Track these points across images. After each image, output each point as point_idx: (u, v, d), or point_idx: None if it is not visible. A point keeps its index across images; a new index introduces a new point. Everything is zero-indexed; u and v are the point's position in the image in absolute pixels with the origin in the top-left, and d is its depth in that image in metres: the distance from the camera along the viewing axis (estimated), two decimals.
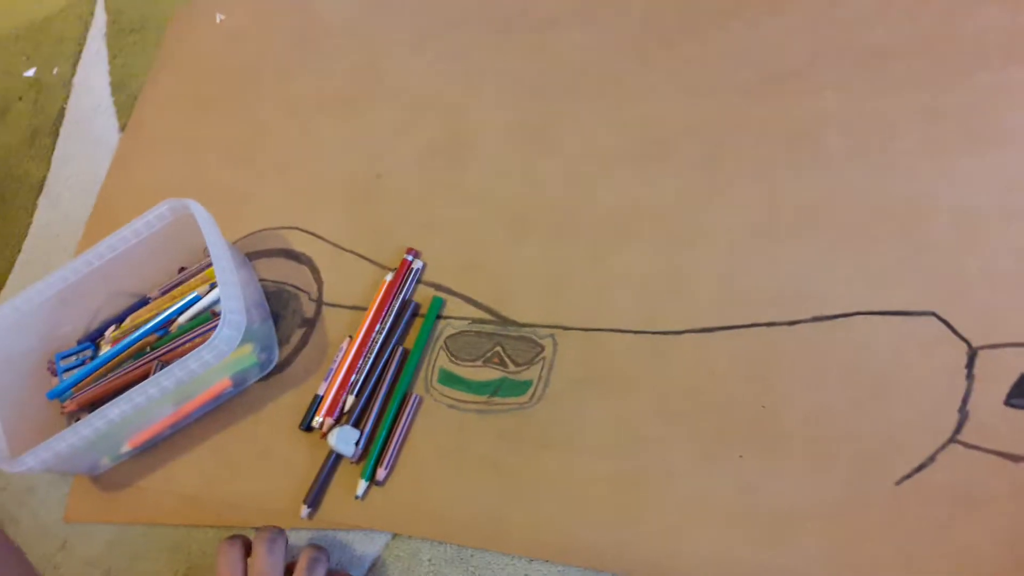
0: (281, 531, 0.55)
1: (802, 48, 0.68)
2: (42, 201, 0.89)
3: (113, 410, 0.58)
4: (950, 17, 0.65)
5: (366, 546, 0.60)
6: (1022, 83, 0.61)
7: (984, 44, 0.63)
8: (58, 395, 0.67)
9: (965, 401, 0.52)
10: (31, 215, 0.88)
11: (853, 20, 0.68)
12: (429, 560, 0.58)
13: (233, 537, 0.55)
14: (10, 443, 0.61)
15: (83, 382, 0.67)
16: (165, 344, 0.66)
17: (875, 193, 0.60)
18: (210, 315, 0.67)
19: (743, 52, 0.70)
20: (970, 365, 0.52)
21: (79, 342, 0.72)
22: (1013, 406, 0.51)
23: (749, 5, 0.72)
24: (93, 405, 0.64)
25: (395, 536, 0.60)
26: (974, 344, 0.53)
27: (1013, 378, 0.51)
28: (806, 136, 0.64)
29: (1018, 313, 0.53)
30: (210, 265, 0.70)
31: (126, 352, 0.67)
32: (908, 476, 0.51)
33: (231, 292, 0.60)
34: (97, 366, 0.67)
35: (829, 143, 0.63)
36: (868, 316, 0.56)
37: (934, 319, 0.55)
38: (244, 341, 0.61)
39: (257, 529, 0.55)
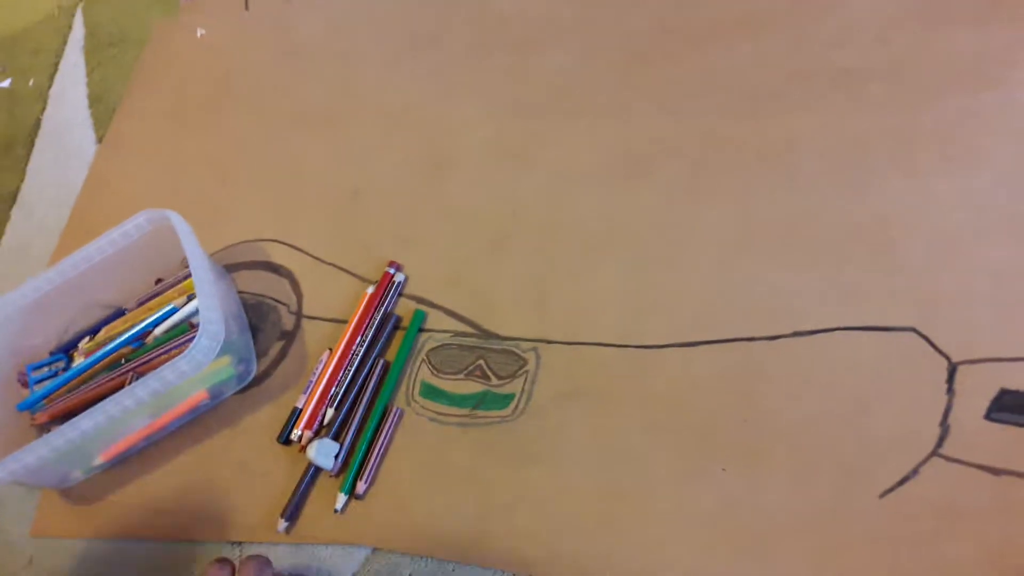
0: (268, 561, 0.54)
1: (777, 71, 0.69)
2: (15, 212, 0.88)
3: (86, 421, 0.57)
4: (923, 42, 0.67)
5: (345, 561, 0.59)
6: (993, 107, 0.63)
7: (956, 68, 0.65)
8: (29, 407, 0.65)
9: (946, 415, 0.52)
10: (3, 226, 0.87)
11: (827, 44, 0.69)
12: (410, 575, 0.57)
13: (221, 560, 0.53)
14: None
15: (55, 394, 0.66)
16: (140, 356, 0.65)
17: (850, 212, 0.61)
18: (187, 327, 0.66)
19: (720, 74, 0.71)
20: (950, 380, 0.53)
21: (51, 353, 0.70)
22: (993, 420, 0.51)
23: (725, 30, 0.73)
24: (65, 417, 0.62)
25: (374, 551, 0.59)
26: (954, 359, 0.54)
27: (993, 392, 0.52)
28: (781, 156, 0.65)
29: (995, 329, 0.54)
30: (188, 277, 0.69)
31: (100, 364, 0.65)
32: (891, 489, 0.51)
33: (209, 303, 0.59)
34: (70, 378, 0.65)
35: (804, 163, 0.64)
36: (848, 331, 0.57)
37: (913, 334, 0.55)
38: (222, 353, 0.60)
39: (242, 560, 0.54)
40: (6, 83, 0.99)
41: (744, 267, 0.61)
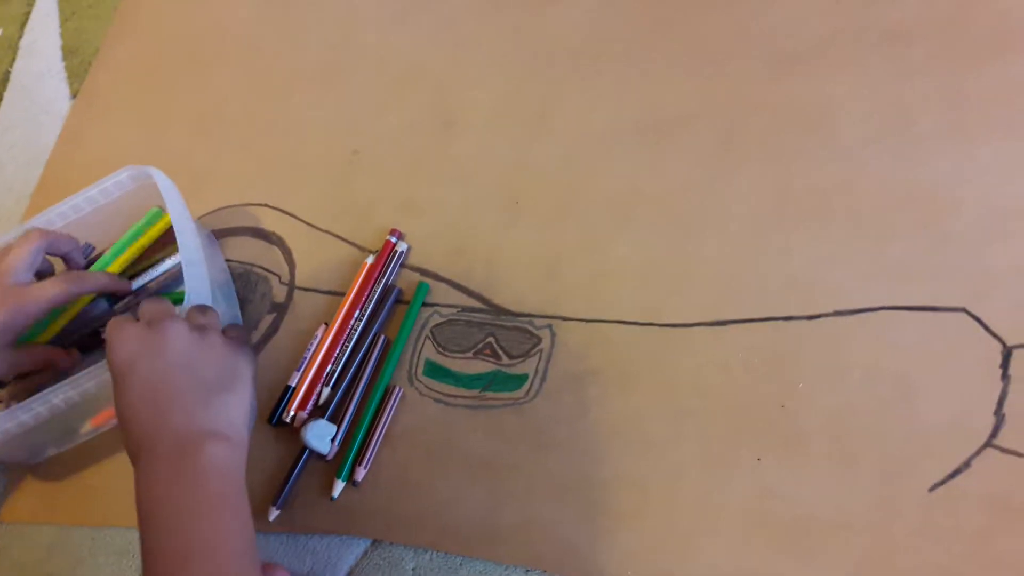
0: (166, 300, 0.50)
1: (814, 31, 0.64)
2: None
3: (56, 396, 0.52)
4: (972, 0, 0.62)
5: (342, 553, 0.55)
6: None
7: (1007, 27, 0.60)
8: None
9: (1001, 403, 0.48)
10: None
11: (868, 2, 0.64)
12: (413, 569, 0.53)
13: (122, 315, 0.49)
14: None
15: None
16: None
17: (894, 181, 0.57)
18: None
19: (752, 33, 0.66)
20: (1005, 364, 0.49)
21: None
22: None
23: None
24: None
25: (374, 543, 0.55)
26: (1008, 343, 0.49)
27: None
28: (819, 121, 0.60)
29: None
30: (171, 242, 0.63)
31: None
32: (941, 482, 0.47)
33: (196, 271, 0.54)
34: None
35: (844, 129, 0.59)
36: (893, 311, 0.52)
37: (964, 315, 0.51)
38: None
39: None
40: None
41: (779, 240, 0.56)
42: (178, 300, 0.61)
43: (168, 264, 0.63)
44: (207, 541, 0.41)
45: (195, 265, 0.54)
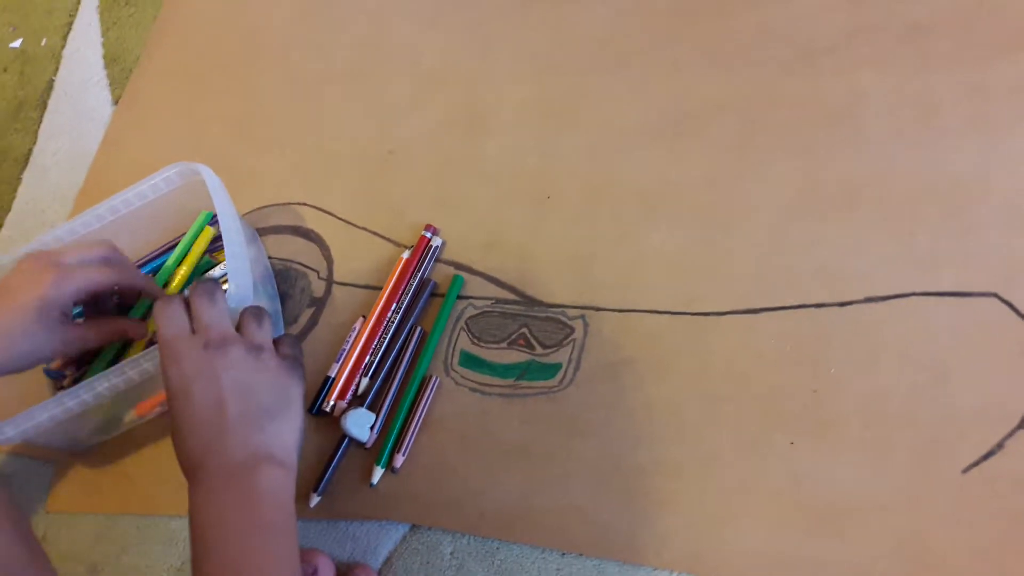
0: (216, 281, 0.50)
1: (838, 24, 0.65)
2: (26, 176, 0.84)
3: (102, 383, 0.54)
4: None
5: (381, 538, 0.56)
6: None
7: None
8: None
9: None
10: (15, 190, 0.83)
11: None
12: (451, 554, 0.54)
13: (169, 296, 0.49)
14: None
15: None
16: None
17: (919, 172, 0.57)
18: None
19: (776, 27, 0.67)
20: None
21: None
22: None
23: None
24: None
25: (413, 527, 0.56)
26: None
27: None
28: (844, 114, 0.61)
29: None
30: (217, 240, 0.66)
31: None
32: (975, 464, 0.48)
33: (239, 266, 0.55)
34: None
35: (869, 121, 0.60)
36: (924, 297, 0.53)
37: (995, 300, 0.52)
38: None
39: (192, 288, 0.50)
40: (17, 43, 0.95)
41: (809, 229, 0.57)
42: None
43: (218, 272, 0.65)
44: (258, 565, 0.41)
45: (239, 259, 0.55)
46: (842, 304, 0.54)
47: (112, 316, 0.60)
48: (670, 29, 0.69)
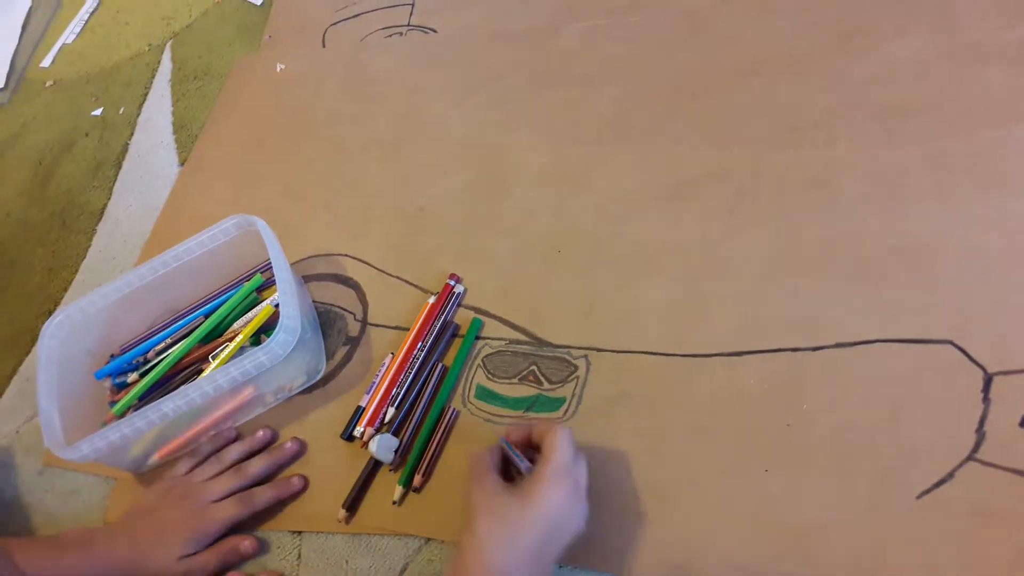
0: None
1: (817, 105, 0.74)
2: (101, 227, 0.94)
3: (167, 404, 0.61)
4: (957, 78, 0.71)
5: (400, 550, 0.62)
6: None
7: (989, 103, 0.68)
8: (108, 374, 0.72)
9: (982, 422, 0.54)
10: (90, 240, 0.93)
11: (866, 81, 0.73)
12: None
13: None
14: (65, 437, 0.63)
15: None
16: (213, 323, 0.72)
17: (887, 233, 0.64)
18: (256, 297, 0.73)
19: (763, 107, 0.76)
20: (986, 389, 0.55)
21: (124, 350, 0.75)
22: None
23: (768, 67, 0.78)
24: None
25: (428, 541, 0.62)
26: (989, 370, 0.56)
27: None
28: (822, 182, 0.69)
29: None
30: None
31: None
32: (928, 491, 0.53)
33: (289, 300, 0.64)
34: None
35: (843, 189, 0.68)
36: (887, 343, 0.59)
37: (950, 347, 0.58)
38: (295, 350, 0.64)
39: None
40: (98, 111, 1.07)
41: (787, 283, 0.64)
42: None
43: (265, 303, 0.73)
44: None
45: (288, 295, 0.64)
46: (815, 348, 0.61)
47: (225, 538, 0.64)
48: (669, 107, 0.79)
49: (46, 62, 1.20)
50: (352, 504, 0.64)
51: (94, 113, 1.07)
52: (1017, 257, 0.60)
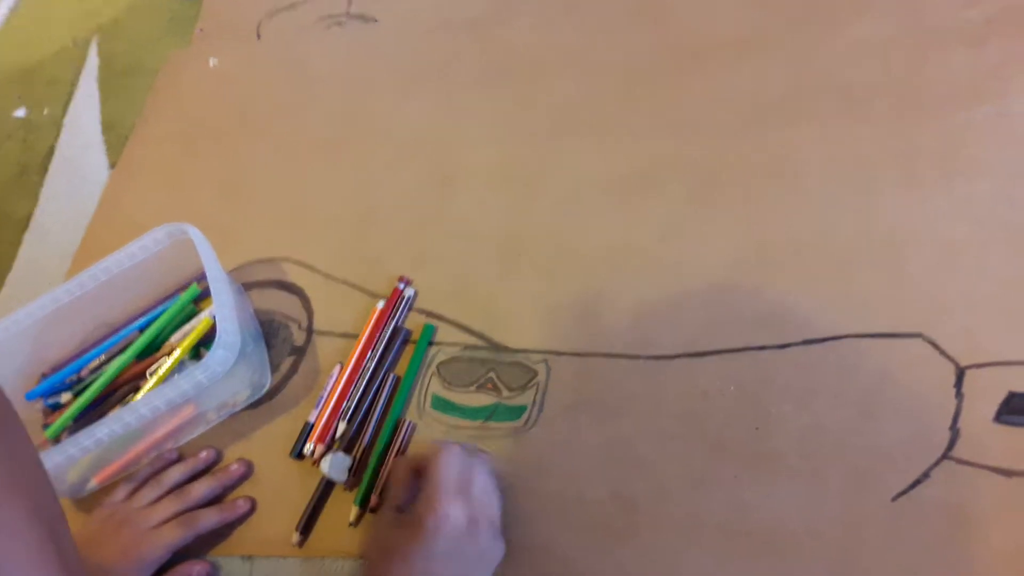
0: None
1: (780, 88, 0.71)
2: (27, 237, 0.89)
3: (101, 429, 0.57)
4: (921, 60, 0.69)
5: (356, 573, 0.59)
6: (990, 119, 0.64)
7: (954, 84, 0.67)
8: (39, 395, 0.68)
9: (956, 419, 0.53)
10: (16, 251, 0.88)
11: (829, 62, 0.71)
12: None
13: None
14: None
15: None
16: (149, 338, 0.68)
17: (855, 224, 0.63)
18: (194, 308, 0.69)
19: (722, 91, 0.73)
20: (959, 384, 0.54)
21: (55, 369, 0.70)
22: (1003, 423, 0.52)
23: (727, 48, 0.76)
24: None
25: None
26: (961, 364, 0.54)
27: (1001, 395, 0.53)
28: (786, 171, 0.67)
29: (1001, 333, 0.55)
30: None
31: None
32: (903, 492, 0.51)
33: (226, 315, 0.60)
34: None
35: (809, 178, 0.66)
36: (857, 339, 0.57)
37: (921, 340, 0.56)
38: (236, 365, 0.60)
39: None
40: (21, 112, 1.01)
41: (752, 278, 0.62)
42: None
43: (203, 315, 0.69)
44: None
45: (226, 307, 0.60)
46: (782, 346, 0.58)
47: (176, 565, 0.60)
48: (625, 97, 0.76)
49: None
50: (306, 526, 0.60)
51: (16, 114, 1.01)
52: (985, 246, 0.58)
